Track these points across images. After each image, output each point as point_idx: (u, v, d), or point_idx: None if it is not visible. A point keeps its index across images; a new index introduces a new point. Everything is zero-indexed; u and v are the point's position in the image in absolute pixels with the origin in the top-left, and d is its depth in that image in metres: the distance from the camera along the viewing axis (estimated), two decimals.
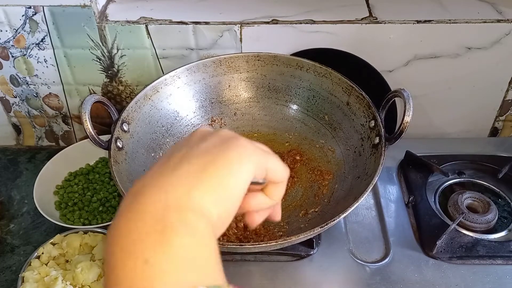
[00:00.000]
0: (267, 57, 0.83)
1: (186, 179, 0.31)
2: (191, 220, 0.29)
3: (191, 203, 0.30)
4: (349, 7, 0.87)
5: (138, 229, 0.28)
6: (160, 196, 0.29)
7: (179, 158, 0.33)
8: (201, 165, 0.32)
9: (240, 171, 0.33)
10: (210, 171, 0.31)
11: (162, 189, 0.30)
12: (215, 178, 0.31)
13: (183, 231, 0.28)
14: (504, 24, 0.83)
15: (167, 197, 0.29)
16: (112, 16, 0.85)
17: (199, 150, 0.33)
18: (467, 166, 0.88)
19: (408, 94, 0.67)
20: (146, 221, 0.28)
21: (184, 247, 0.27)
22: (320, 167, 0.80)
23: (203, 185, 0.31)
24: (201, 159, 0.32)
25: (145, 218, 0.28)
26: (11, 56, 0.89)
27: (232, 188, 0.32)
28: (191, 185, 0.30)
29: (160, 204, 0.29)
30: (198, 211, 0.29)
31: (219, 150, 0.33)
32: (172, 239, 0.27)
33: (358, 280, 0.71)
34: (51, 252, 0.77)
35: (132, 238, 0.28)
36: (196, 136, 0.36)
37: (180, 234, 0.28)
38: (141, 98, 0.77)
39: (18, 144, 1.06)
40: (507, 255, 0.72)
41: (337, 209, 0.68)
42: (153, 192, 0.30)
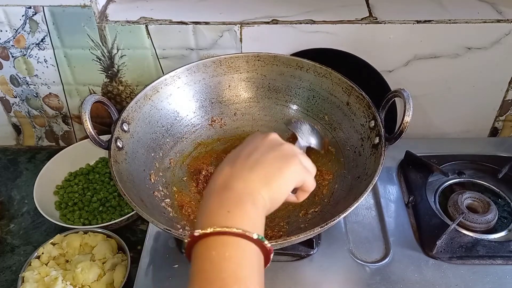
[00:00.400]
0: (267, 57, 0.83)
1: (259, 180, 0.49)
2: (256, 203, 0.48)
3: (258, 195, 0.48)
4: (349, 7, 0.87)
5: (228, 200, 0.47)
6: (243, 186, 0.48)
7: (256, 159, 0.50)
8: (269, 172, 0.50)
9: (291, 184, 0.52)
10: (274, 179, 0.50)
11: (244, 182, 0.48)
12: (276, 184, 0.50)
13: (251, 206, 0.47)
14: (504, 24, 0.83)
15: (246, 188, 0.48)
16: (112, 16, 0.85)
17: (269, 158, 0.51)
18: (467, 166, 0.88)
19: (408, 94, 0.67)
20: (233, 197, 0.47)
21: (250, 213, 0.46)
22: (320, 167, 0.80)
23: (267, 187, 0.49)
24: (270, 167, 0.50)
25: (233, 195, 0.47)
26: (11, 56, 0.89)
27: (283, 193, 0.51)
28: (261, 185, 0.49)
29: (242, 191, 0.48)
30: (260, 200, 0.48)
31: (282, 165, 0.51)
32: (244, 206, 0.46)
33: (358, 280, 0.71)
34: (51, 252, 0.77)
35: (223, 202, 0.47)
36: (268, 142, 0.54)
37: (248, 206, 0.47)
38: (141, 98, 0.77)
39: (18, 144, 1.06)
40: (507, 255, 0.72)
41: (337, 209, 0.68)
42: (239, 183, 0.48)
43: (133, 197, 0.64)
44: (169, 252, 0.74)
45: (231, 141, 0.86)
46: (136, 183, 0.71)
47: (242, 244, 0.44)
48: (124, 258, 0.77)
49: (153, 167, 0.77)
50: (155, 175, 0.76)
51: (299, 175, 0.52)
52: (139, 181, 0.72)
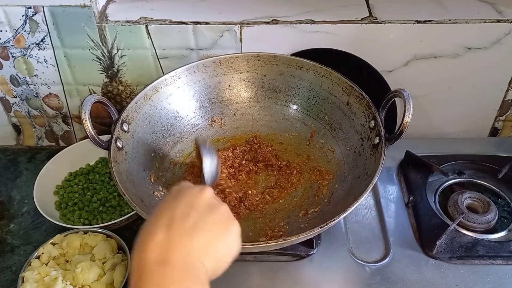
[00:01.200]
0: (267, 57, 0.83)
1: (199, 249, 0.44)
2: (199, 275, 0.44)
3: (201, 266, 0.44)
4: (349, 7, 0.87)
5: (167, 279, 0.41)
6: (183, 258, 0.43)
7: (194, 223, 0.46)
8: (211, 239, 0.46)
9: (233, 251, 0.48)
10: (217, 247, 0.46)
11: (184, 253, 0.43)
12: (219, 253, 0.46)
13: (194, 282, 0.42)
14: (504, 24, 0.83)
15: (186, 260, 0.43)
16: (112, 16, 0.85)
17: (209, 222, 0.47)
18: (467, 166, 0.88)
19: (408, 94, 0.67)
20: (172, 275, 0.42)
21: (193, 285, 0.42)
22: (320, 167, 0.80)
23: (209, 255, 0.45)
24: (210, 233, 0.46)
25: (172, 272, 0.42)
26: (11, 56, 0.89)
27: (226, 261, 0.48)
28: (202, 254, 0.44)
29: (182, 265, 0.43)
30: (203, 271, 0.44)
31: (223, 231, 0.47)
32: (187, 284, 0.42)
33: (358, 280, 0.71)
34: (51, 252, 0.77)
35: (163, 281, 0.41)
36: (205, 201, 0.49)
37: (191, 283, 0.42)
38: (141, 98, 0.77)
39: (18, 144, 1.06)
40: (507, 255, 0.72)
41: (337, 209, 0.68)
42: (178, 256, 0.43)
43: (133, 197, 0.64)
44: None
45: (231, 141, 0.86)
46: (136, 183, 0.71)
47: None
48: (124, 258, 0.77)
49: (153, 167, 0.77)
50: (155, 175, 0.76)
51: (238, 241, 0.49)
52: (139, 181, 0.72)
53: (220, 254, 0.46)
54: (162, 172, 0.78)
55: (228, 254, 0.47)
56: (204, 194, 0.49)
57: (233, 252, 0.48)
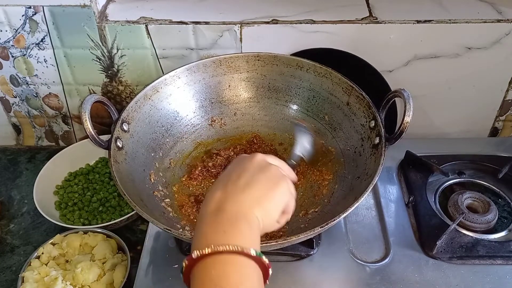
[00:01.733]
0: (267, 57, 0.83)
1: (251, 200, 0.50)
2: (251, 222, 0.49)
3: (252, 215, 0.50)
4: (349, 7, 0.87)
5: (223, 221, 0.48)
6: (236, 207, 0.49)
7: (246, 181, 0.52)
8: (261, 193, 0.51)
9: (280, 204, 0.53)
10: (266, 200, 0.51)
11: (237, 203, 0.50)
12: (267, 204, 0.51)
13: (245, 225, 0.48)
14: (504, 24, 0.83)
15: (239, 208, 0.49)
16: (112, 16, 0.85)
17: (259, 179, 0.52)
18: (467, 166, 0.88)
19: (408, 94, 0.67)
20: (227, 218, 0.48)
21: (245, 232, 0.48)
22: (320, 167, 0.80)
23: (259, 207, 0.51)
24: (261, 188, 0.52)
25: (227, 216, 0.48)
26: (11, 56, 0.89)
27: (274, 213, 0.53)
28: (254, 205, 0.50)
29: (236, 212, 0.49)
30: (254, 219, 0.50)
31: (273, 186, 0.53)
32: (239, 226, 0.48)
33: (358, 280, 0.71)
34: (51, 252, 0.77)
35: (218, 224, 0.48)
36: (256, 163, 0.55)
37: (243, 226, 0.48)
38: (141, 98, 0.77)
39: (18, 144, 1.06)
40: (507, 255, 0.72)
41: (337, 209, 0.68)
42: (232, 205, 0.50)
43: (133, 197, 0.64)
44: (169, 252, 0.74)
45: (231, 141, 0.86)
46: (136, 183, 0.71)
47: (241, 262, 0.45)
48: (124, 258, 0.77)
49: (153, 167, 0.77)
50: (155, 175, 0.76)
51: (287, 196, 0.54)
52: (139, 181, 0.72)
53: (269, 206, 0.51)
54: (162, 172, 0.78)
55: (277, 208, 0.53)
56: (255, 158, 0.56)
57: (281, 205, 0.53)
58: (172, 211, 0.73)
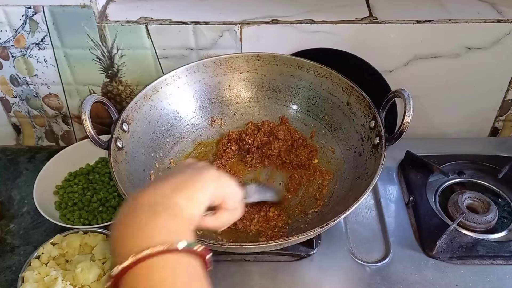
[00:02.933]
0: (267, 57, 0.83)
1: (170, 188, 0.47)
2: (173, 211, 0.44)
3: (173, 203, 0.45)
4: (349, 7, 0.87)
5: (140, 218, 0.43)
6: (153, 198, 0.45)
7: (169, 177, 0.49)
8: (181, 181, 0.48)
9: (205, 190, 0.49)
10: (186, 186, 0.48)
11: (154, 194, 0.46)
12: (189, 191, 0.47)
13: (167, 216, 0.43)
14: (504, 24, 0.83)
15: (156, 198, 0.45)
16: (112, 16, 0.85)
17: (183, 171, 0.50)
18: (467, 166, 0.88)
19: (408, 94, 0.67)
20: (144, 213, 0.43)
21: (167, 223, 0.43)
22: (320, 167, 0.80)
23: (180, 193, 0.46)
24: (181, 177, 0.49)
25: (144, 211, 0.43)
26: (11, 56, 0.89)
27: (199, 199, 0.48)
28: (173, 192, 0.46)
29: (152, 203, 0.44)
30: (177, 207, 0.45)
31: (194, 173, 0.50)
32: (159, 218, 0.43)
33: (358, 280, 0.71)
34: (51, 252, 0.77)
35: (134, 222, 0.42)
36: (184, 164, 0.54)
37: (164, 217, 0.43)
38: (141, 98, 0.77)
39: (18, 144, 1.06)
40: (507, 255, 0.72)
41: (337, 209, 0.68)
42: (148, 197, 0.45)
43: None
44: None
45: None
46: (136, 183, 0.71)
47: (170, 261, 0.39)
48: None
49: (153, 167, 0.77)
50: (155, 175, 0.76)
51: (213, 182, 0.50)
52: (139, 181, 0.72)
53: (191, 192, 0.47)
54: (162, 172, 0.78)
55: (202, 193, 0.48)
56: (184, 162, 0.56)
57: (206, 190, 0.49)
58: None
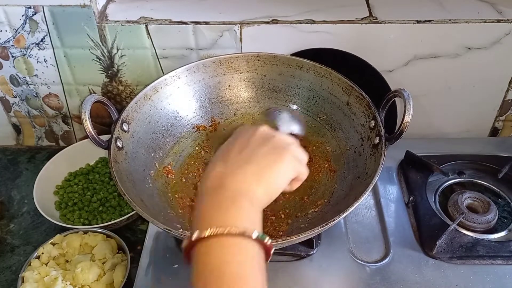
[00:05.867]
0: (267, 57, 0.83)
1: (252, 176, 0.48)
2: (252, 200, 0.47)
3: (253, 192, 0.47)
4: (349, 7, 0.87)
5: (223, 200, 0.46)
6: (237, 184, 0.47)
7: (247, 155, 0.50)
8: (262, 167, 0.49)
9: (285, 177, 0.51)
10: (268, 175, 0.49)
11: (238, 180, 0.47)
12: (270, 180, 0.49)
13: (247, 204, 0.46)
14: (504, 24, 0.83)
15: (240, 186, 0.47)
16: (112, 16, 0.85)
17: (261, 152, 0.50)
18: (467, 166, 0.88)
19: (408, 94, 0.67)
20: (228, 197, 0.46)
21: (246, 211, 0.46)
22: (320, 167, 0.80)
23: (261, 183, 0.48)
24: (262, 162, 0.49)
25: (228, 194, 0.46)
26: (11, 56, 0.89)
27: (278, 187, 0.50)
28: (255, 181, 0.48)
29: (236, 190, 0.47)
30: (256, 197, 0.47)
31: (275, 158, 0.50)
32: (240, 205, 0.46)
33: (358, 280, 0.71)
34: (51, 252, 0.77)
35: (218, 203, 0.46)
36: (259, 135, 0.52)
37: (245, 205, 0.46)
38: (141, 98, 0.77)
39: (18, 144, 1.06)
40: (507, 255, 0.72)
41: (337, 209, 0.68)
42: (232, 182, 0.47)
43: (133, 197, 0.64)
44: (169, 252, 0.74)
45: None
46: (136, 183, 0.71)
47: (242, 245, 0.43)
48: (124, 258, 0.77)
49: (153, 167, 0.77)
50: (155, 175, 0.76)
51: (292, 168, 0.51)
52: (139, 181, 0.72)
53: (272, 180, 0.49)
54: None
55: (282, 180, 0.50)
56: (259, 130, 0.53)
57: (287, 177, 0.51)
58: (172, 211, 0.73)
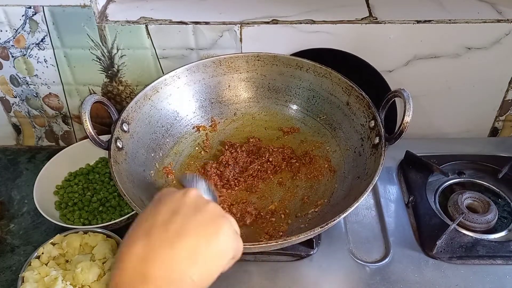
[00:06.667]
0: (267, 57, 0.83)
1: (185, 257, 0.38)
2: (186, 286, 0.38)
3: (186, 279, 0.38)
4: (349, 7, 0.87)
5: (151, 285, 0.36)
6: (165, 272, 0.37)
7: (176, 229, 0.39)
8: (196, 245, 0.39)
9: (224, 254, 0.41)
10: (204, 253, 0.39)
11: (166, 266, 0.37)
12: (207, 259, 0.39)
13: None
14: (504, 24, 0.83)
15: (169, 274, 0.37)
16: (112, 16, 0.85)
17: (193, 225, 0.40)
18: (467, 166, 0.88)
19: (408, 94, 0.67)
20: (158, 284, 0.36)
21: None
22: (320, 167, 0.80)
23: (196, 265, 0.38)
24: (196, 238, 0.39)
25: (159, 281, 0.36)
26: (11, 56, 0.89)
27: (217, 267, 0.41)
28: (188, 264, 0.38)
29: (164, 280, 0.37)
30: (190, 284, 0.38)
31: (211, 232, 0.40)
32: None
33: (358, 280, 0.71)
34: (51, 252, 0.77)
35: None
36: (189, 202, 0.42)
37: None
38: (141, 98, 0.77)
39: (18, 144, 1.06)
40: (507, 255, 0.72)
41: (337, 209, 0.68)
42: (159, 269, 0.37)
43: (133, 197, 0.64)
44: None
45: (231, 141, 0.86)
46: (136, 183, 0.71)
47: None
48: None
49: (153, 167, 0.77)
50: (155, 175, 0.76)
51: (233, 241, 0.42)
52: (139, 181, 0.72)
53: (210, 260, 0.40)
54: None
55: (221, 258, 0.41)
56: (188, 195, 0.43)
57: (227, 254, 0.42)
58: None
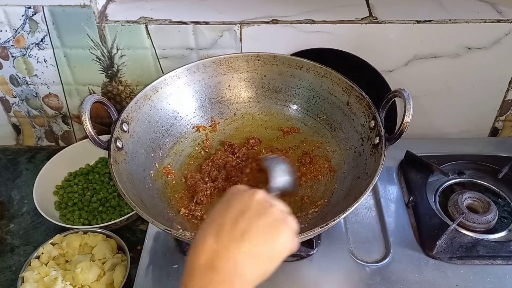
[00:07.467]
0: (267, 57, 0.83)
1: (249, 255, 0.44)
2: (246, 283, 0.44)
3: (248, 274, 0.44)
4: (349, 7, 0.87)
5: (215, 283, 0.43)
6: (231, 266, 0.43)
7: (243, 228, 0.45)
8: (260, 245, 0.45)
9: (283, 253, 0.47)
10: (265, 253, 0.45)
11: (233, 261, 0.44)
12: (267, 258, 0.46)
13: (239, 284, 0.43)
14: (504, 24, 0.83)
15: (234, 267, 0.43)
16: (112, 16, 0.85)
17: (259, 226, 0.46)
18: (467, 166, 0.88)
19: (408, 94, 0.67)
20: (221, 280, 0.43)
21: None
22: (320, 167, 0.80)
23: (258, 262, 0.45)
24: (260, 239, 0.45)
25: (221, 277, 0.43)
26: (11, 56, 0.89)
27: (275, 264, 0.47)
28: (251, 261, 0.44)
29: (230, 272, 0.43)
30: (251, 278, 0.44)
31: (274, 234, 0.46)
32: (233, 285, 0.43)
33: (358, 280, 0.71)
34: (51, 252, 0.77)
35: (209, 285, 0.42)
36: (256, 204, 0.48)
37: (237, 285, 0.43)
38: (141, 98, 0.77)
39: (18, 144, 1.06)
40: (507, 255, 0.72)
41: (337, 209, 0.68)
42: (227, 263, 0.43)
43: (132, 197, 0.64)
44: (169, 252, 0.74)
45: (231, 141, 0.86)
46: (136, 183, 0.71)
47: None
48: (124, 258, 0.77)
49: (153, 167, 0.77)
50: (155, 175, 0.76)
51: (291, 243, 0.48)
52: (139, 181, 0.72)
53: (268, 260, 0.46)
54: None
55: (278, 257, 0.47)
56: (255, 198, 0.48)
57: (284, 253, 0.47)
58: (171, 212, 0.73)
